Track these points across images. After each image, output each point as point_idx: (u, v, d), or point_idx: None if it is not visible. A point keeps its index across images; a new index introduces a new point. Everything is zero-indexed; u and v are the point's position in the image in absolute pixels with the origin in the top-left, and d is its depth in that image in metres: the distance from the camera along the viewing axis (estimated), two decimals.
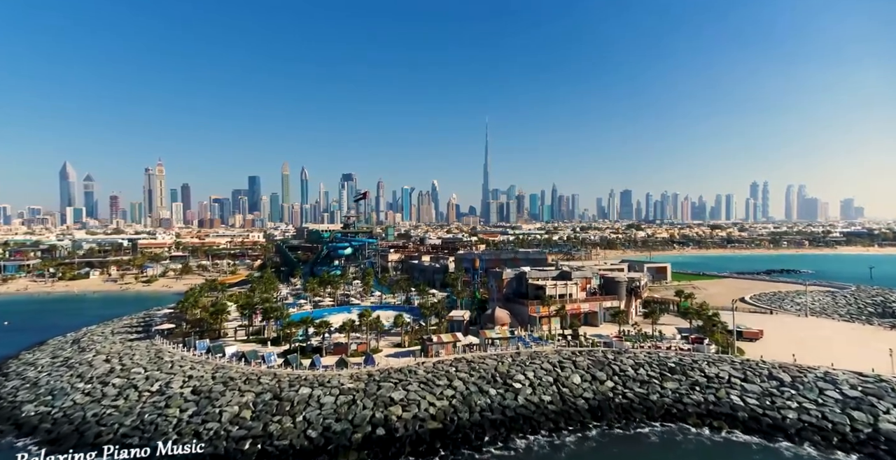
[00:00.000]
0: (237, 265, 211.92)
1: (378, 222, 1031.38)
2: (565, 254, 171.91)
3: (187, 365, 64.15)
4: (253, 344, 77.58)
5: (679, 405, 56.00)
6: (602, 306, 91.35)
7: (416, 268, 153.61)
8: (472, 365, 65.52)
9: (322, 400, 53.81)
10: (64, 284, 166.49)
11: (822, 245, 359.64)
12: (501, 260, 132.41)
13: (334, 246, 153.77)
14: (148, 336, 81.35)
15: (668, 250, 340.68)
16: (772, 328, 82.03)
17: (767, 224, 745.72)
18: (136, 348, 72.94)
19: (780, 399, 53.75)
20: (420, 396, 56.00)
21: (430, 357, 69.59)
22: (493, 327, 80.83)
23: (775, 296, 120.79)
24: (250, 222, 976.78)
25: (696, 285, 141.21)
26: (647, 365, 64.95)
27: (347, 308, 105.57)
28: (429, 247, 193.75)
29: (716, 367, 62.31)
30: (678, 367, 63.13)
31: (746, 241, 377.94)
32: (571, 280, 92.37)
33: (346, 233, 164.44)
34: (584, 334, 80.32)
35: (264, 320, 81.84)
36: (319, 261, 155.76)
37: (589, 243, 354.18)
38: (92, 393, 56.21)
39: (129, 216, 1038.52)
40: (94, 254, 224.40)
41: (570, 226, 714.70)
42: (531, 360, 67.61)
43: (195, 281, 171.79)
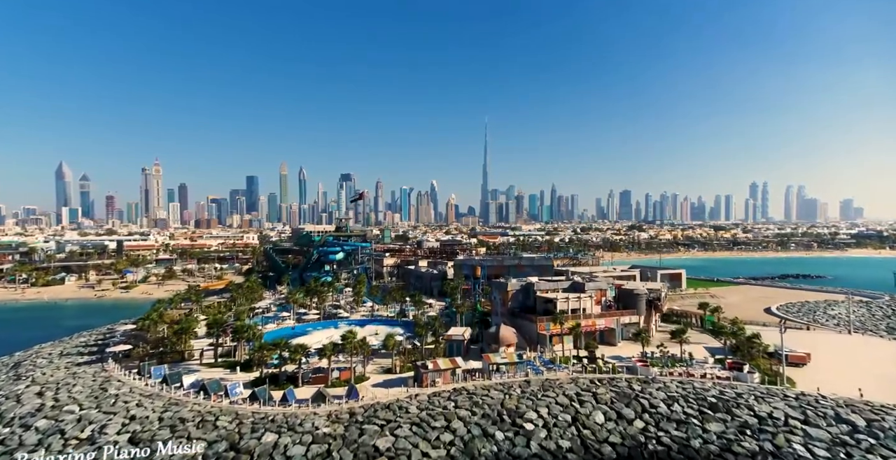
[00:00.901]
0: (224, 270, 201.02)
1: (376, 222, 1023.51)
2: (571, 259, 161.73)
3: (134, 400, 53.65)
4: (221, 368, 67.14)
5: (729, 455, 45.61)
6: (620, 322, 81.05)
7: (412, 275, 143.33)
8: (473, 399, 55.21)
9: (290, 452, 43.40)
10: (36, 291, 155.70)
11: (830, 247, 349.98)
12: (504, 266, 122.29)
13: (325, 250, 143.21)
14: (101, 359, 70.74)
15: (673, 252, 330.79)
16: (816, 348, 71.64)
17: (768, 224, 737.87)
18: (81, 376, 62.37)
19: (858, 451, 43.41)
20: (411, 444, 45.65)
21: (424, 387, 59.30)
22: (497, 349, 70.56)
23: (804, 306, 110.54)
24: (247, 222, 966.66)
25: (712, 293, 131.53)
26: (681, 399, 54.60)
27: (335, 322, 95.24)
28: (426, 251, 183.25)
29: (766, 404, 51.97)
30: (720, 403, 52.77)
31: (753, 243, 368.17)
32: (585, 292, 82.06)
33: (338, 237, 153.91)
34: (602, 356, 70.11)
35: (235, 340, 71.22)
36: (309, 266, 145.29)
37: (591, 245, 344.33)
38: (6, 442, 45.70)
39: (125, 216, 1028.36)
40: (74, 257, 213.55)
41: (569, 226, 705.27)
42: (543, 391, 57.29)
43: (178, 287, 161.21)
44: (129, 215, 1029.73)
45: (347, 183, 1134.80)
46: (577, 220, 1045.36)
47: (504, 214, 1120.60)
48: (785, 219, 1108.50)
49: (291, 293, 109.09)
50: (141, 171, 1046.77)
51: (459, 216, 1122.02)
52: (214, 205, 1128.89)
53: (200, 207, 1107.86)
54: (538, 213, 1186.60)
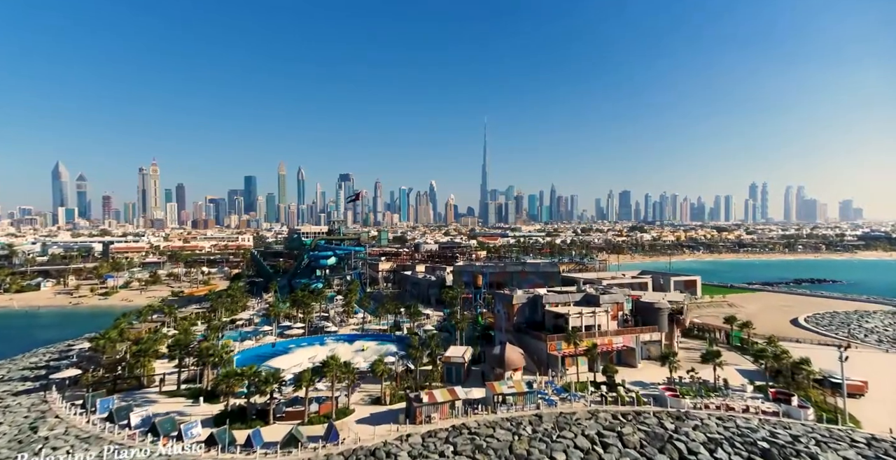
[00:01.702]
0: (212, 274, 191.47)
1: (375, 223, 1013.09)
2: (576, 264, 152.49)
3: (66, 445, 44.46)
4: (183, 398, 57.85)
5: None
6: (639, 340, 71.95)
7: (408, 281, 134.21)
8: (476, 441, 46.13)
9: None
10: (8, 298, 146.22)
11: (839, 249, 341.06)
12: (507, 273, 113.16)
13: (316, 255, 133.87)
14: (46, 386, 61.35)
15: (678, 254, 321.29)
16: (867, 372, 62.23)
17: (770, 225, 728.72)
18: (14, 411, 53.12)
19: None
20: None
21: (418, 423, 50.19)
22: (503, 374, 61.46)
23: (835, 318, 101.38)
24: (245, 223, 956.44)
25: (728, 301, 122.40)
26: (726, 442, 45.46)
27: (321, 338, 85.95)
28: (424, 255, 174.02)
29: (832, 452, 42.82)
30: (775, 450, 43.53)
31: (758, 245, 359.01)
32: (600, 306, 72.94)
33: (331, 240, 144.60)
34: (623, 382, 61.03)
35: (200, 364, 61.80)
36: (299, 272, 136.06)
37: (594, 247, 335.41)
38: None
39: (122, 216, 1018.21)
40: (56, 260, 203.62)
41: (570, 227, 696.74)
42: (559, 430, 48.25)
43: (161, 293, 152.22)
44: (126, 215, 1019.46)
45: (346, 183, 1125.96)
46: (576, 221, 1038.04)
47: (503, 215, 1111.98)
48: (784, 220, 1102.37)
49: (275, 304, 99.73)
50: (138, 171, 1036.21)
51: (459, 216, 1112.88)
52: (212, 206, 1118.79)
53: (198, 208, 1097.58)
54: (538, 214, 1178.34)
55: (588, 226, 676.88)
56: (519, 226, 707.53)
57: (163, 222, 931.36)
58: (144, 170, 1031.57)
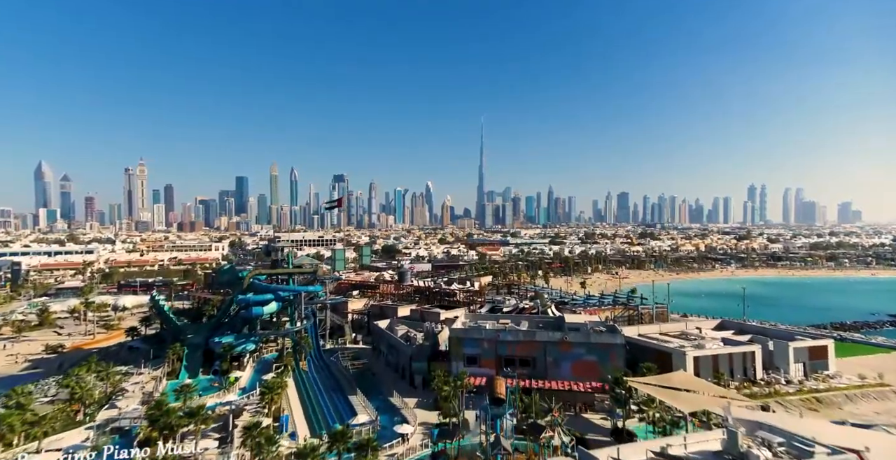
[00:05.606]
0: (134, 310, 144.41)
1: (370, 225, 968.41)
2: (627, 309, 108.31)
3: None
4: None
5: None
6: None
7: (383, 340, 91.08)
8: None
9: None
10: None
11: (894, 264, 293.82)
12: (538, 343, 70.02)
13: (246, 300, 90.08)
14: None
15: (707, 271, 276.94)
16: None
17: (772, 227, 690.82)
18: None
19: None
20: None
21: None
22: None
23: None
24: (234, 225, 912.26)
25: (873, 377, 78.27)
26: None
27: None
28: (410, 290, 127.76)
29: None
30: None
31: (795, 258, 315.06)
32: None
33: (273, 275, 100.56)
34: None
35: None
36: (221, 325, 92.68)
37: (611, 261, 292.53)
38: None
39: (106, 218, 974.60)
40: None
41: (570, 231, 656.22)
42: None
43: (40, 343, 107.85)
44: (111, 217, 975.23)
45: (340, 184, 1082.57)
46: (574, 223, 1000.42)
47: (500, 216, 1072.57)
48: (783, 222, 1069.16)
49: (164, 392, 55.21)
50: (124, 171, 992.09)
51: (455, 218, 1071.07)
52: (202, 207, 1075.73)
53: (187, 209, 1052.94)
54: (535, 216, 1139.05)
55: (591, 231, 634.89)
56: (518, 230, 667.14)
57: (149, 224, 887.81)
58: (131, 170, 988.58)
